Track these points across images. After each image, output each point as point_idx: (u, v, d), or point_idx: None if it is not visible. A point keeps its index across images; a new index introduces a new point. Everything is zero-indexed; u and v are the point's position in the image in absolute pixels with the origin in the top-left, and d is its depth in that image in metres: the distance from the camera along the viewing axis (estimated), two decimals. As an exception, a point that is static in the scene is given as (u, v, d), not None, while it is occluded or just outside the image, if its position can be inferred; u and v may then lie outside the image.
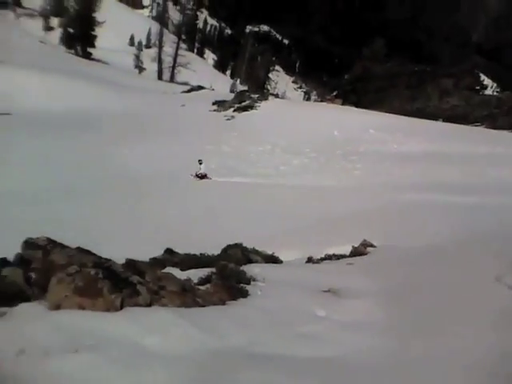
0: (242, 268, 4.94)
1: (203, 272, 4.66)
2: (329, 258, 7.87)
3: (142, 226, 12.47)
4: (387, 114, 34.57)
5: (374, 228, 10.41)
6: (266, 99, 37.48)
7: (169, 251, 6.14)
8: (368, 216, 12.46)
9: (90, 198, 15.67)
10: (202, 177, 21.19)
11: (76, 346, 2.76)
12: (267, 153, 26.89)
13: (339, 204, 15.26)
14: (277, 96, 43.45)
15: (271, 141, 28.25)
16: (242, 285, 4.25)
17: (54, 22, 72.28)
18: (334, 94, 65.09)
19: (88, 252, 3.86)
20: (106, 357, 2.65)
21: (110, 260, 4.04)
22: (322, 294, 4.65)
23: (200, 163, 21.34)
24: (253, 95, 38.54)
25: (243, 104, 36.30)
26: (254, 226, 12.19)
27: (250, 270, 5.07)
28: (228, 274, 4.37)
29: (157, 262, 5.37)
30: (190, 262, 5.40)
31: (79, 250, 3.81)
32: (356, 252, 7.95)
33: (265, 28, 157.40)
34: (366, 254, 7.82)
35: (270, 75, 66.07)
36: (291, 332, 3.46)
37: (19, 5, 74.57)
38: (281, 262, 7.14)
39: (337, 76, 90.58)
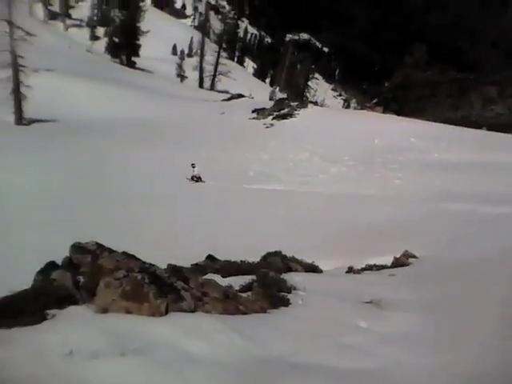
0: (282, 276, 4.95)
1: (244, 279, 4.69)
2: (369, 268, 7.77)
3: (185, 230, 12.65)
4: (429, 123, 33.79)
5: (415, 239, 10.19)
6: (305, 107, 37.37)
7: (210, 257, 6.21)
8: (409, 226, 12.21)
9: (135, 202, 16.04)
10: (197, 180, 21.45)
11: (123, 349, 2.83)
12: (305, 161, 26.76)
13: (379, 213, 15.01)
14: (316, 104, 43.30)
15: (310, 149, 28.12)
16: (282, 293, 4.26)
17: (100, 31, 74.89)
18: (374, 101, 64.22)
19: (134, 257, 3.96)
20: (151, 361, 2.72)
21: (154, 265, 4.13)
22: (363, 305, 4.60)
23: (193, 167, 21.55)
24: (292, 103, 38.52)
25: (282, 112, 36.31)
26: (292, 234, 12.16)
27: (291, 278, 5.06)
28: (269, 283, 4.38)
29: (198, 268, 5.44)
30: (231, 268, 5.45)
31: (126, 254, 3.91)
32: (398, 263, 7.81)
33: (305, 36, 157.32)
34: (408, 265, 7.67)
35: (309, 83, 65.75)
36: (333, 343, 3.44)
37: (68, 16, 77.68)
38: (321, 271, 7.10)
39: (377, 83, 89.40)
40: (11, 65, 28.17)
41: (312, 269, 6.91)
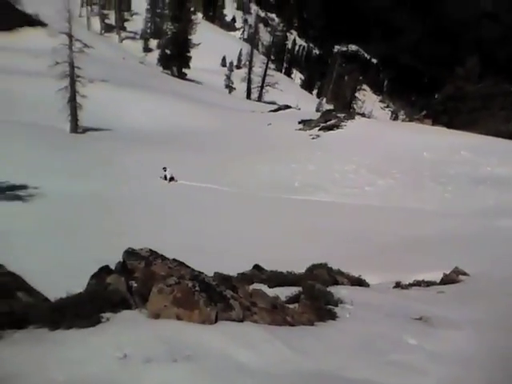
0: (328, 289, 4.92)
1: (290, 290, 4.70)
2: (418, 284, 7.58)
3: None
4: (480, 136, 32.72)
5: (466, 255, 9.87)
6: (353, 118, 37.01)
7: (256, 267, 6.25)
8: (459, 242, 11.84)
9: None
10: (170, 179, 22.67)
11: (175, 355, 2.91)
12: (352, 172, 26.47)
13: (428, 228, 14.64)
14: (363, 115, 42.73)
15: (357, 160, 27.79)
16: (330, 306, 4.23)
17: (153, 43, 77.41)
18: (423, 113, 62.64)
19: (184, 264, 4.06)
20: (202, 368, 2.77)
21: (203, 273, 4.21)
22: (412, 321, 4.51)
23: (164, 170, 22.68)
24: (339, 114, 38.23)
25: (329, 123, 36.11)
26: (337, 246, 12.05)
27: (337, 291, 5.02)
28: (316, 295, 4.37)
29: (245, 278, 5.49)
30: (277, 279, 5.46)
31: (177, 262, 4.01)
32: (447, 279, 7.58)
33: (353, 47, 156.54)
34: (458, 282, 7.44)
35: (356, 94, 65.01)
36: (382, 359, 3.40)
37: (123, 28, 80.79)
38: (367, 285, 6.99)
39: (426, 95, 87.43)
40: (69, 75, 29.50)
41: (358, 282, 6.82)
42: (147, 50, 76.69)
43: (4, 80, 35.11)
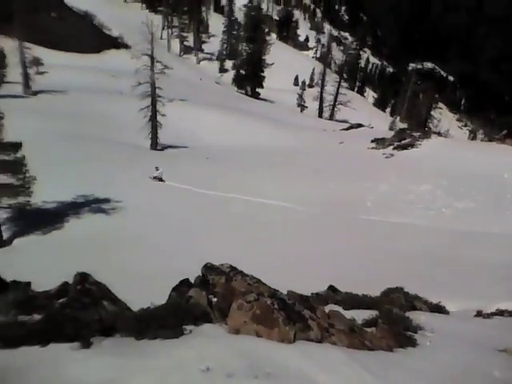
0: (406, 314, 4.81)
1: (366, 313, 4.64)
2: (500, 313, 7.18)
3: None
4: None
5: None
6: (428, 137, 35.83)
7: (331, 288, 6.23)
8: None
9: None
10: (160, 180, 23.80)
11: (255, 372, 2.98)
12: (428, 193, 25.54)
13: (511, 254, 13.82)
14: (439, 134, 41.28)
15: (433, 181, 26.81)
16: (409, 332, 4.14)
17: (229, 64, 79.90)
18: (504, 133, 59.41)
19: (262, 282, 4.16)
20: (283, 387, 2.82)
21: (278, 291, 4.29)
22: (497, 353, 4.30)
23: (157, 169, 24.03)
24: (414, 133, 37.20)
25: (403, 142, 35.21)
26: (413, 271, 11.68)
27: (416, 317, 4.90)
28: (394, 320, 4.29)
29: (319, 298, 5.49)
30: (353, 301, 5.41)
31: (256, 278, 4.12)
32: (533, 311, 7.12)
33: (428, 65, 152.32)
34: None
35: (432, 113, 62.97)
36: (466, 392, 3.28)
37: (201, 50, 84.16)
38: (447, 312, 6.73)
39: (507, 114, 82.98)
40: (150, 95, 31.12)
41: (437, 309, 6.58)
42: (223, 70, 79.31)
43: (89, 99, 37.69)
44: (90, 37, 63.08)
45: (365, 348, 3.58)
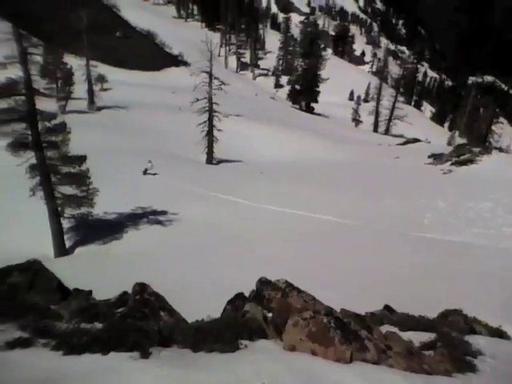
0: (465, 338, 4.67)
1: (423, 336, 4.55)
2: None
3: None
4: None
5: None
6: (489, 153, 34.43)
7: (387, 308, 6.15)
8: None
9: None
10: (148, 173, 25.57)
11: (312, 390, 3.01)
12: (488, 211, 24.46)
13: None
14: (500, 150, 39.58)
15: (493, 198, 25.66)
16: (468, 357, 4.02)
17: (284, 80, 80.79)
18: None
19: (316, 299, 4.20)
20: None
21: (332, 309, 4.30)
22: None
23: (149, 162, 25.88)
24: (473, 148, 35.88)
25: (462, 158, 34.01)
26: (471, 293, 11.25)
27: (475, 341, 4.73)
28: (453, 344, 4.18)
29: (375, 318, 5.43)
30: (410, 322, 5.31)
31: (312, 296, 4.17)
32: None
33: (489, 78, 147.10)
34: None
35: (492, 127, 60.67)
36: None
37: (257, 66, 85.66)
38: (508, 337, 6.44)
39: None
40: (208, 111, 31.94)
41: (498, 334, 6.31)
42: (278, 85, 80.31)
43: (149, 114, 39.13)
44: (152, 55, 65.76)
45: (423, 372, 3.52)
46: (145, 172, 25.66)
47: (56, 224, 16.28)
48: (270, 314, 4.25)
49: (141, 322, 4.64)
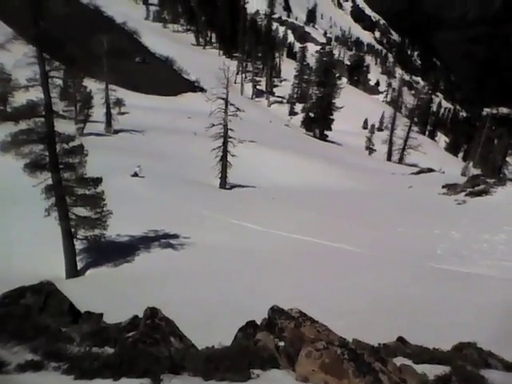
0: (480, 372, 4.57)
1: (438, 369, 4.46)
2: None
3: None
4: None
5: None
6: (503, 184, 34.12)
7: (400, 339, 6.05)
8: None
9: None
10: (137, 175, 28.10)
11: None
12: (502, 243, 24.08)
13: None
14: (515, 181, 39.31)
15: (508, 230, 25.33)
16: (482, 393, 3.95)
17: (298, 107, 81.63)
18: None
19: (330, 329, 4.16)
20: None
21: (346, 340, 4.25)
22: None
23: (138, 167, 28.33)
24: (488, 180, 35.63)
25: (477, 188, 33.72)
26: (487, 326, 11.03)
27: (490, 376, 4.62)
28: (468, 378, 4.10)
29: (388, 350, 5.34)
30: (423, 355, 5.22)
31: (325, 326, 4.13)
32: None
33: (504, 110, 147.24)
34: None
35: (507, 159, 60.42)
36: None
37: (272, 93, 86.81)
38: (524, 374, 6.27)
39: None
40: (222, 136, 32.31)
41: (514, 369, 6.15)
42: (293, 113, 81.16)
43: (165, 138, 39.68)
44: (170, 80, 67.06)
45: (436, 407, 3.46)
46: (134, 175, 28.00)
47: (69, 245, 16.38)
48: (282, 343, 4.21)
49: (152, 348, 4.62)
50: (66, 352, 4.77)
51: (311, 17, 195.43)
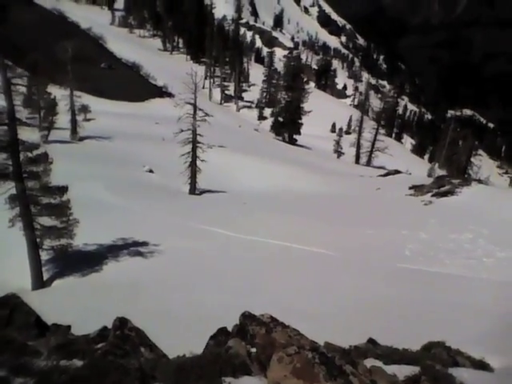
0: (449, 371, 4.65)
1: (407, 369, 4.51)
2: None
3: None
4: None
5: None
6: (468, 185, 35.05)
7: (371, 341, 6.10)
8: None
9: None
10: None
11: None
12: (468, 242, 24.73)
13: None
14: (480, 181, 40.39)
15: (473, 229, 25.99)
16: (451, 392, 4.01)
17: (267, 112, 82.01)
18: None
19: (301, 334, 4.15)
20: None
21: (317, 343, 4.25)
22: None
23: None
24: (453, 180, 36.55)
25: (443, 189, 34.55)
26: (455, 324, 11.27)
27: (459, 374, 4.71)
28: (437, 377, 4.16)
29: (359, 352, 5.38)
30: (393, 355, 5.27)
31: (297, 331, 4.12)
32: None
33: (467, 112, 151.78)
34: None
35: (472, 160, 62.15)
36: None
37: (241, 98, 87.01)
38: (492, 370, 6.42)
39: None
40: (191, 142, 32.14)
41: (481, 366, 6.29)
42: (262, 118, 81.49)
43: (132, 145, 39.17)
44: (137, 86, 66.30)
45: (407, 408, 3.49)
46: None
47: (34, 256, 15.93)
48: (254, 350, 4.17)
49: (122, 360, 4.52)
50: (33, 366, 4.62)
51: (278, 22, 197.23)
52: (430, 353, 5.98)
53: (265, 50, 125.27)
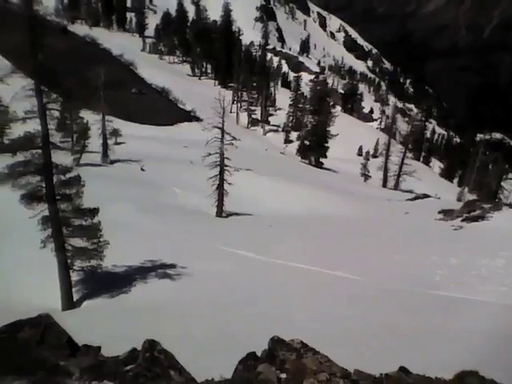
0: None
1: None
2: None
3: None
4: None
5: None
6: (499, 209, 34.27)
7: (402, 369, 5.96)
8: None
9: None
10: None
11: None
12: (501, 268, 24.06)
13: None
14: (511, 206, 39.52)
15: (506, 255, 25.31)
16: (487, 425, 3.89)
17: (294, 135, 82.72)
18: None
19: (332, 361, 4.11)
20: None
21: (348, 370, 4.21)
22: None
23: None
24: (484, 205, 35.81)
25: (473, 214, 33.87)
26: (490, 354, 10.91)
27: (493, 406, 4.58)
28: (471, 410, 4.05)
29: (390, 380, 5.27)
30: (425, 384, 5.14)
31: (327, 357, 4.09)
32: None
33: (497, 135, 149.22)
34: None
35: (502, 184, 60.89)
36: None
37: (267, 122, 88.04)
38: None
39: None
40: (219, 165, 32.53)
41: (517, 399, 6.06)
42: (288, 141, 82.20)
43: (161, 168, 39.83)
44: (166, 110, 67.88)
45: None
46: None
47: (65, 276, 16.24)
48: (284, 375, 4.16)
49: (152, 382, 4.55)
50: (66, 386, 4.68)
51: (305, 47, 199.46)
52: (463, 382, 5.80)
53: (291, 75, 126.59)
